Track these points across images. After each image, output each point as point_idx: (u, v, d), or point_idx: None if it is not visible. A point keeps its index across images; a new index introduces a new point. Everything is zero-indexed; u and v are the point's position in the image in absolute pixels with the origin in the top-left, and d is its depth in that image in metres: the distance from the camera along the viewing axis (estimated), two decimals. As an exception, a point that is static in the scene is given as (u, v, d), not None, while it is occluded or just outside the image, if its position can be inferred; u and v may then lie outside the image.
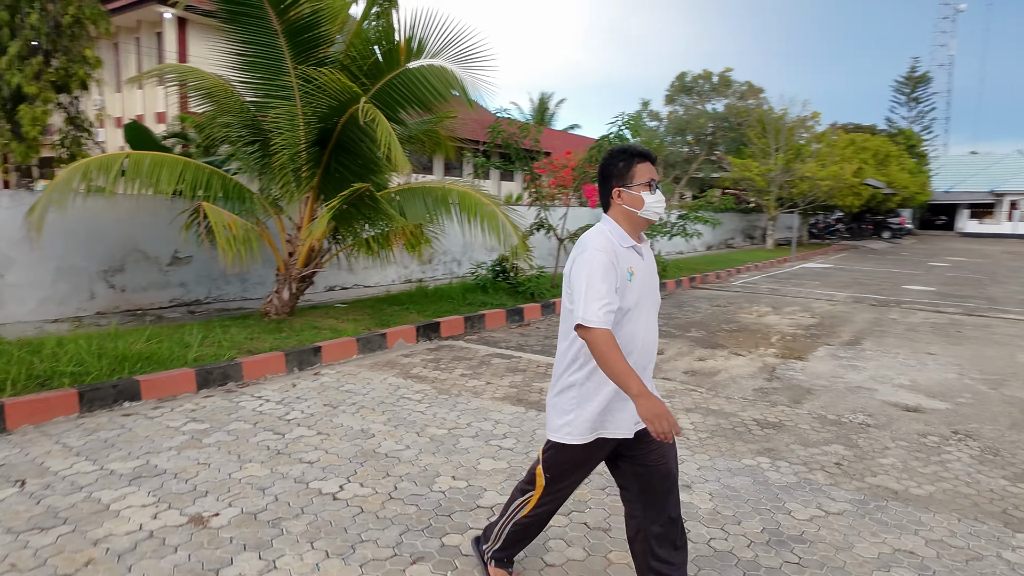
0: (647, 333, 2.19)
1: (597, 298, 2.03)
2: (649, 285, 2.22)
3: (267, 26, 6.32)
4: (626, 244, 2.16)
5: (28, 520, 2.94)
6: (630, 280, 2.12)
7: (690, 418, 4.65)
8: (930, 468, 3.87)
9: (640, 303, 2.16)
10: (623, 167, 2.20)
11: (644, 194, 2.17)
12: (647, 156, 2.22)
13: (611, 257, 2.08)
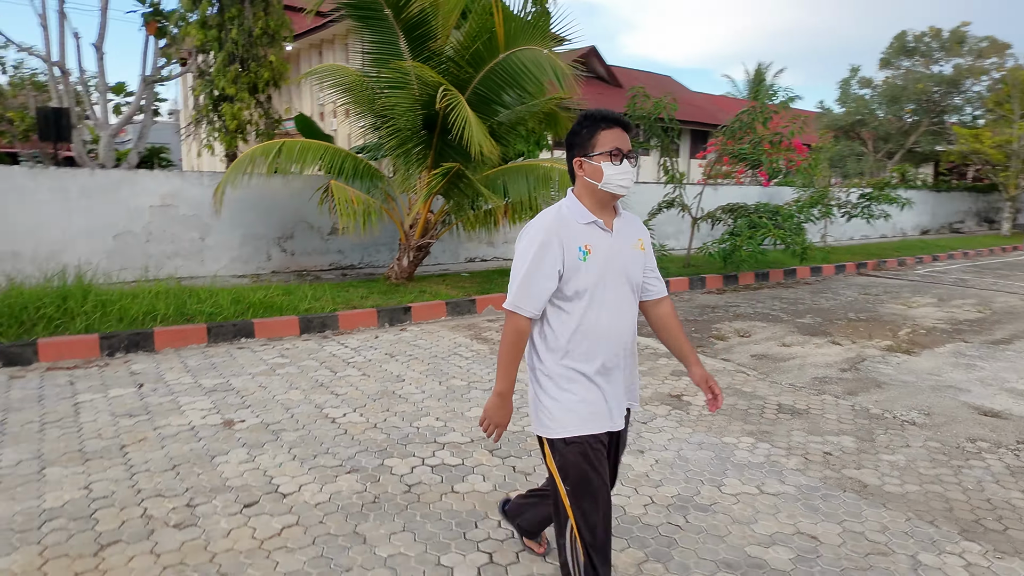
0: (615, 318, 1.99)
1: (528, 283, 1.92)
2: (619, 265, 1.99)
3: (388, 25, 7.23)
4: (584, 220, 1.95)
5: (127, 409, 4.10)
6: (583, 259, 1.92)
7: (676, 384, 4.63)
8: (936, 471, 3.52)
9: (602, 284, 1.95)
10: (585, 134, 1.96)
11: (604, 164, 1.92)
12: (616, 122, 1.96)
13: (553, 237, 1.91)
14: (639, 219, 2.16)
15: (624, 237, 2.03)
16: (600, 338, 1.98)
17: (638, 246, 2.07)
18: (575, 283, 1.93)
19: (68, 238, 7.67)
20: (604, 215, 2.00)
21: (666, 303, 2.23)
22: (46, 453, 3.44)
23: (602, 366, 1.99)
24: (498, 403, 2.00)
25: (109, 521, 2.80)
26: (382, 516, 2.91)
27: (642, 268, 2.09)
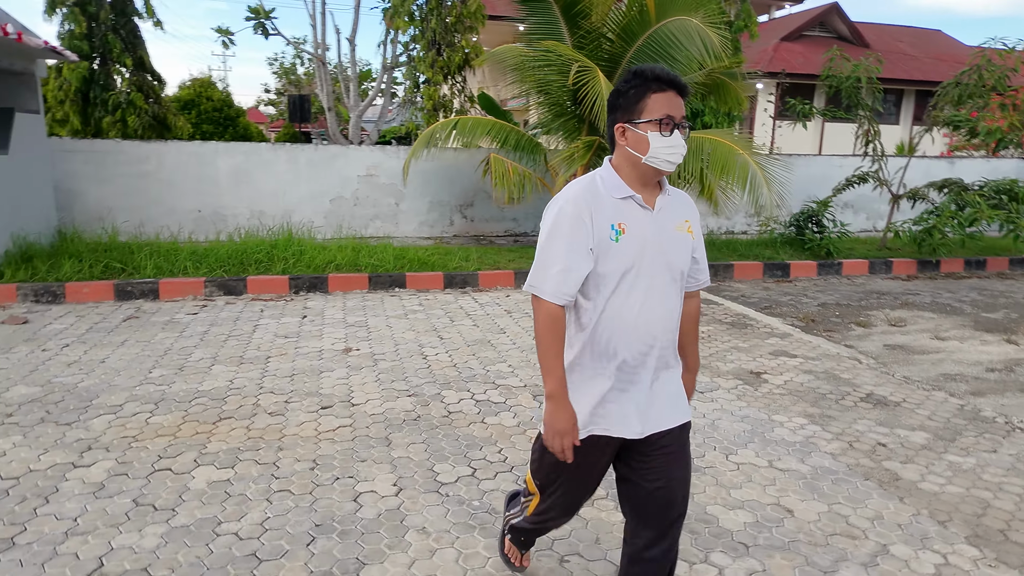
0: (647, 311, 1.72)
1: (550, 262, 1.68)
2: (658, 248, 1.72)
3: (547, 6, 7.68)
4: (620, 194, 1.71)
5: (286, 332, 5.27)
6: (615, 239, 1.68)
7: (798, 378, 4.47)
8: (1004, 479, 3.13)
9: (635, 270, 1.70)
10: (633, 96, 1.70)
11: (652, 134, 1.66)
12: (670, 83, 1.69)
13: (583, 209, 1.67)
14: (688, 197, 1.89)
15: (668, 217, 1.77)
16: (624, 331, 1.72)
17: (685, 228, 1.80)
18: (603, 265, 1.69)
19: (297, 201, 9.50)
20: (645, 190, 1.74)
21: (695, 301, 1.96)
22: (220, 355, 4.68)
23: (627, 362, 1.73)
24: (553, 408, 1.70)
25: (232, 404, 3.83)
26: (413, 430, 3.54)
27: (688, 254, 1.81)
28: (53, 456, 3.14)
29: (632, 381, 1.75)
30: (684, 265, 1.80)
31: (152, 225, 8.58)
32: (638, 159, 1.70)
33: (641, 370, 1.76)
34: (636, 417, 1.75)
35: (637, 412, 1.75)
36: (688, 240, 1.81)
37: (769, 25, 26.16)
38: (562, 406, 1.70)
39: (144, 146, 8.70)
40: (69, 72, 9.48)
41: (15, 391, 3.92)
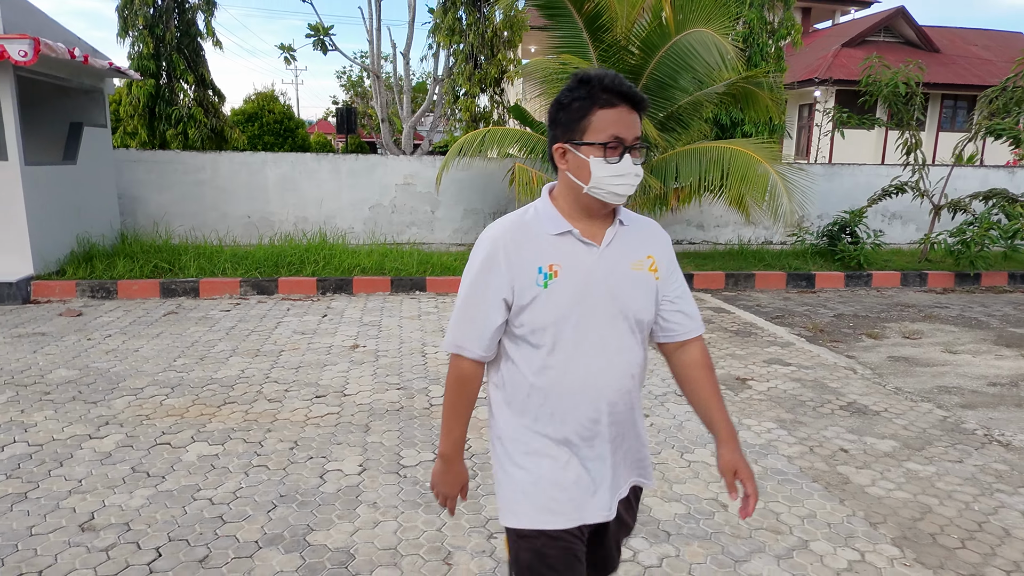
0: (598, 368, 1.44)
1: (461, 313, 1.47)
2: (605, 294, 1.43)
3: (572, 20, 7.90)
4: (556, 230, 1.43)
5: (304, 329, 5.67)
6: (543, 285, 1.40)
7: (784, 385, 4.52)
8: (958, 488, 3.14)
9: (573, 321, 1.42)
10: (576, 110, 1.39)
11: (594, 160, 1.37)
12: (622, 96, 1.37)
13: (500, 250, 1.42)
14: (655, 227, 1.58)
15: (620, 253, 1.46)
16: (570, 395, 1.44)
17: (645, 266, 1.49)
18: (530, 318, 1.41)
19: (339, 208, 10.03)
20: (591, 222, 1.46)
21: (695, 348, 1.59)
22: (239, 348, 5.11)
23: (575, 434, 1.46)
24: (441, 468, 1.55)
25: (238, 390, 4.22)
26: (393, 419, 3.82)
27: (652, 297, 1.50)
28: (74, 428, 3.58)
29: (590, 454, 1.47)
30: (644, 311, 1.48)
31: (206, 229, 9.25)
32: (579, 188, 1.41)
33: (595, 441, 1.47)
34: (605, 494, 1.49)
35: (604, 488, 1.49)
36: (649, 281, 1.48)
37: (833, 30, 25.47)
38: (451, 468, 1.56)
39: (200, 156, 9.41)
40: (138, 89, 10.34)
41: (56, 373, 4.44)
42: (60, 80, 7.28)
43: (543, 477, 1.46)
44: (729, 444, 1.55)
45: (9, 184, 6.38)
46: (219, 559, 2.49)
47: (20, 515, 2.74)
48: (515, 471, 1.48)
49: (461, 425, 1.53)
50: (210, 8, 10.57)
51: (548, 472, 1.46)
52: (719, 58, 7.02)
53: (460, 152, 8.79)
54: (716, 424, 1.58)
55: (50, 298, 6.50)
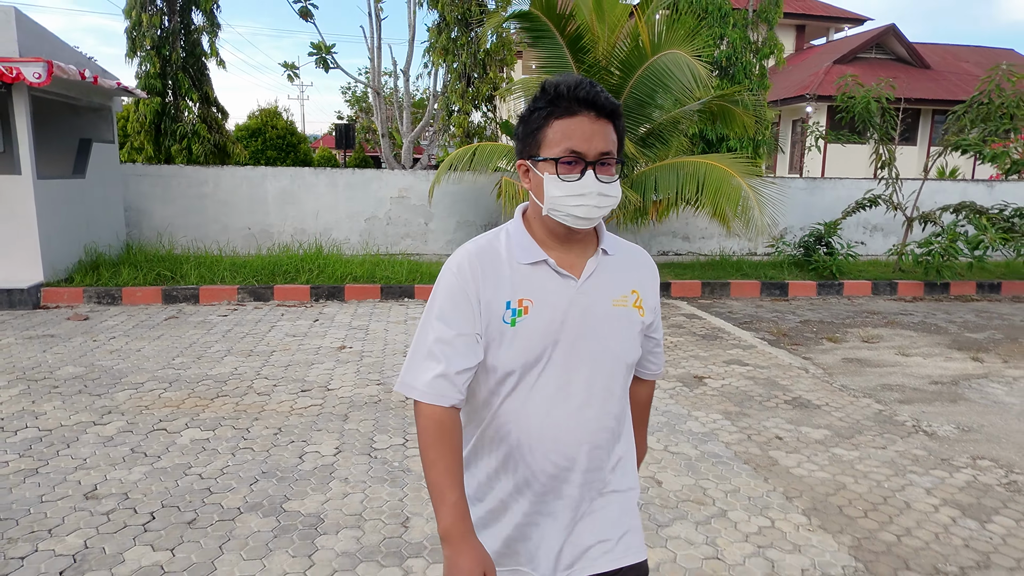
0: (564, 417, 1.27)
1: (424, 352, 1.25)
2: (582, 334, 1.27)
3: (555, 41, 8.33)
4: (528, 259, 1.27)
5: (295, 332, 6.04)
6: (511, 323, 1.24)
7: (737, 383, 4.86)
8: (876, 470, 3.47)
9: (543, 363, 1.26)
10: (535, 121, 1.24)
11: (547, 176, 1.22)
12: (581, 100, 1.20)
13: (469, 281, 1.25)
14: (643, 255, 1.42)
15: (603, 287, 1.30)
16: (529, 445, 1.27)
17: (630, 302, 1.33)
18: (493, 358, 1.25)
19: (336, 220, 10.44)
20: (568, 250, 1.30)
21: (646, 389, 1.54)
22: (233, 349, 5.48)
23: (534, 492, 1.30)
24: (449, 553, 1.18)
25: (231, 385, 4.59)
26: (371, 410, 4.18)
27: (634, 336, 1.34)
28: (80, 416, 3.95)
29: (543, 512, 1.30)
30: (629, 353, 1.32)
31: (208, 240, 9.67)
32: (540, 210, 1.26)
33: (556, 497, 1.30)
34: (548, 559, 1.31)
35: (550, 552, 1.31)
36: (633, 318, 1.32)
37: (826, 47, 25.93)
38: (464, 550, 1.17)
39: (203, 171, 9.85)
40: (145, 106, 10.82)
41: (65, 370, 4.81)
42: (71, 99, 7.73)
43: (496, 524, 1.32)
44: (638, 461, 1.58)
45: (22, 197, 6.80)
46: (204, 522, 2.84)
47: (32, 486, 3.10)
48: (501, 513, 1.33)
49: (456, 487, 1.20)
50: (214, 30, 11.08)
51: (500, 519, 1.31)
52: (692, 78, 7.41)
53: (451, 167, 9.20)
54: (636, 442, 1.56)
55: (59, 304, 6.89)
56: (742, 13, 12.74)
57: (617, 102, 1.24)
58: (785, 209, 10.88)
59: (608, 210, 1.25)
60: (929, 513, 3.03)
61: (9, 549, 2.60)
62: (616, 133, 1.24)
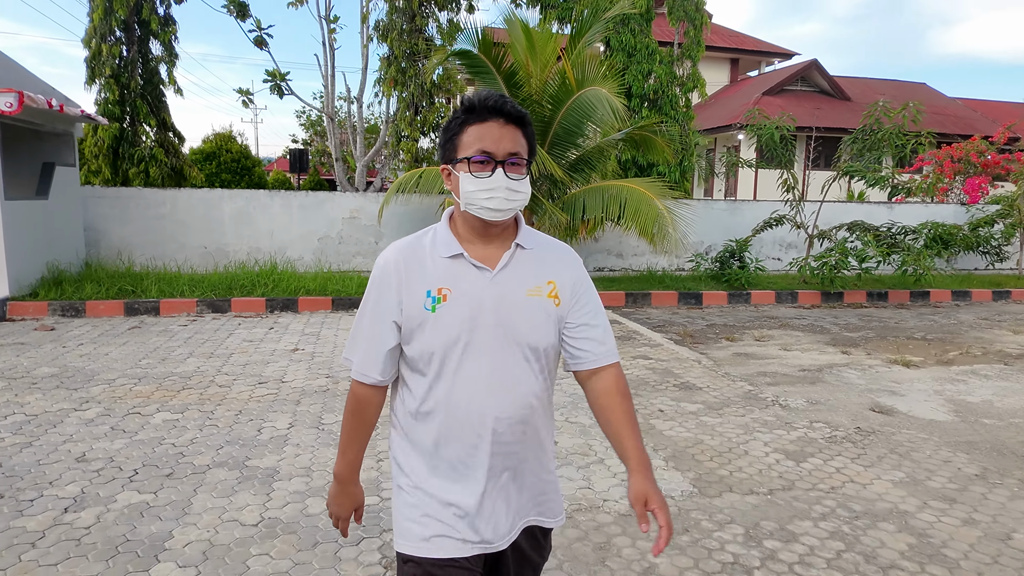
0: (485, 395, 1.43)
1: (356, 336, 1.50)
2: (497, 319, 1.43)
3: (492, 77, 9.22)
4: (448, 252, 1.44)
5: (252, 338, 6.65)
6: (431, 309, 1.41)
7: (638, 371, 5.69)
8: (730, 431, 4.32)
9: (462, 345, 1.41)
10: (452, 129, 1.43)
11: (463, 175, 1.40)
12: (490, 109, 1.39)
13: (392, 273, 1.44)
14: (565, 250, 1.58)
15: (516, 278, 1.46)
16: (457, 423, 1.44)
17: (544, 292, 1.48)
18: (419, 342, 1.43)
19: (290, 239, 11.03)
20: (486, 245, 1.47)
21: (609, 375, 1.55)
22: (195, 352, 6.07)
23: (464, 465, 1.46)
24: (335, 489, 1.58)
25: (195, 380, 5.19)
26: (320, 397, 4.85)
27: (550, 325, 1.49)
28: (61, 404, 4.52)
29: (475, 485, 1.45)
30: (541, 339, 1.46)
31: (166, 259, 10.14)
32: (459, 206, 1.45)
33: (479, 471, 1.45)
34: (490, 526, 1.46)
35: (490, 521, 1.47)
36: (547, 307, 1.47)
37: (756, 80, 27.75)
38: (345, 490, 1.57)
39: (160, 193, 10.36)
40: (103, 131, 11.27)
41: (40, 370, 5.34)
42: (35, 125, 8.23)
43: (428, 504, 1.45)
44: (640, 473, 1.45)
45: (-10, 216, 7.25)
46: (180, 474, 3.49)
47: (28, 455, 3.69)
48: (404, 495, 1.49)
49: (356, 448, 1.54)
50: (172, 60, 11.65)
51: (427, 501, 1.45)
52: (610, 111, 8.37)
53: (399, 189, 9.94)
54: (628, 452, 1.48)
55: (24, 316, 7.34)
56: (668, 51, 13.97)
57: (524, 111, 1.42)
58: (709, 228, 12.01)
59: (519, 204, 1.41)
60: (760, 457, 3.89)
61: (20, 495, 3.21)
62: (526, 139, 1.42)
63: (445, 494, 1.46)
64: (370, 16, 12.70)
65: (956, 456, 3.97)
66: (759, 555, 2.84)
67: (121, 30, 11.11)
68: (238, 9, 12.40)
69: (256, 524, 3.00)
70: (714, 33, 29.11)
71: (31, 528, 2.91)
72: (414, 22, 11.81)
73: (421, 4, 11.81)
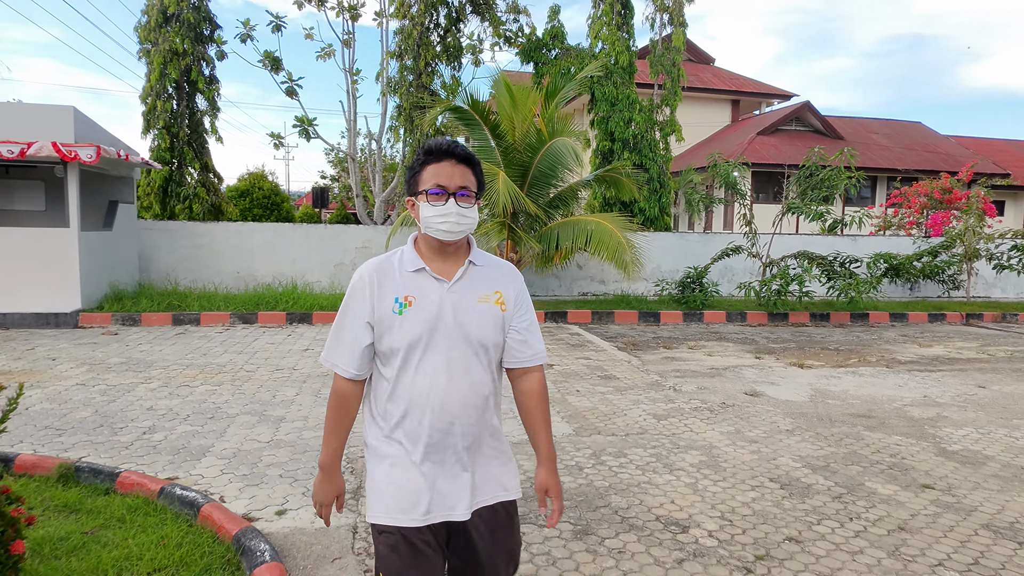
0: (442, 387, 1.69)
1: (335, 336, 1.77)
2: (452, 322, 1.71)
3: (481, 129, 10.91)
4: (412, 267, 1.73)
5: (270, 342, 8.25)
6: (398, 312, 1.69)
7: (574, 367, 7.13)
8: (619, 400, 5.75)
9: (423, 344, 1.69)
10: (415, 169, 1.76)
11: (422, 204, 1.71)
12: (443, 153, 1.72)
13: (367, 283, 1.73)
14: (510, 269, 1.87)
15: (469, 288, 1.75)
16: (420, 408, 1.70)
17: (492, 300, 1.77)
18: (388, 340, 1.70)
19: (309, 266, 12.74)
20: (444, 261, 1.76)
21: (534, 377, 1.85)
22: (228, 349, 7.67)
23: (426, 445, 1.71)
24: (319, 478, 1.81)
25: (228, 368, 6.78)
26: (321, 379, 6.39)
27: (497, 327, 1.77)
28: (131, 380, 6.14)
29: (439, 462, 1.72)
30: (489, 338, 1.75)
31: (205, 281, 11.90)
32: (420, 229, 1.76)
33: (446, 451, 1.72)
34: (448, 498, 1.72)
35: (449, 493, 1.72)
36: (495, 312, 1.77)
37: (753, 120, 29.27)
38: (327, 478, 1.79)
39: (201, 226, 12.18)
40: (155, 174, 13.21)
41: (111, 360, 6.99)
42: (104, 170, 10.10)
43: (395, 480, 1.70)
44: (545, 465, 1.81)
45: (69, 244, 9.06)
46: (218, 417, 5.05)
47: (114, 407, 5.29)
48: (374, 472, 1.74)
49: (338, 439, 1.76)
50: (215, 112, 13.62)
51: (399, 475, 1.70)
52: (574, 156, 9.97)
53: (402, 223, 11.61)
54: (539, 446, 1.82)
55: (92, 325, 9.07)
56: (649, 100, 15.60)
57: (471, 153, 1.76)
58: (683, 256, 13.44)
59: (468, 227, 1.72)
60: (633, 418, 5.31)
61: (114, 426, 4.79)
62: (475, 176, 1.75)
63: (410, 470, 1.70)
64: (384, 73, 14.62)
65: (783, 420, 5.35)
66: (594, 463, 4.28)
67: (173, 88, 13.13)
68: (272, 64, 14.41)
69: (267, 442, 4.54)
70: (715, 76, 30.90)
71: (123, 441, 4.49)
72: (420, 79, 13.67)
73: (427, 64, 13.67)
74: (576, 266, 13.11)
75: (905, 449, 4.68)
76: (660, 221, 14.99)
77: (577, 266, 13.15)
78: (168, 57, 12.76)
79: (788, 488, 3.92)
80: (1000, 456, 4.57)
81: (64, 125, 8.89)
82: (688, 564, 3.02)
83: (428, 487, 1.71)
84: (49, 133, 8.73)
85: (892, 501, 3.76)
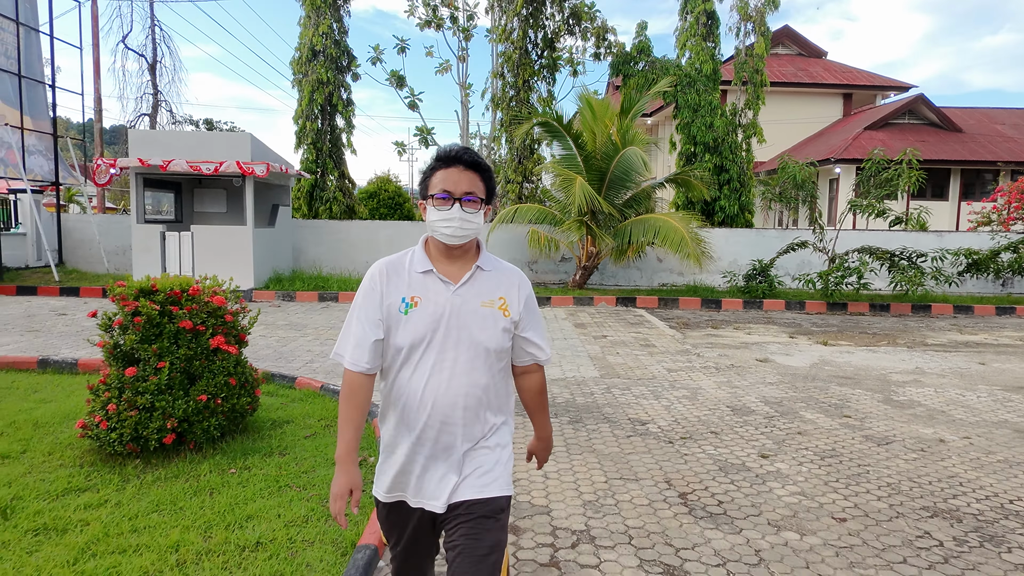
0: (439, 386, 1.79)
1: (347, 331, 1.85)
2: (456, 324, 1.79)
3: (564, 138, 12.71)
4: (420, 269, 1.83)
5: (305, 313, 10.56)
6: (404, 312, 1.79)
7: (623, 337, 8.79)
8: (648, 359, 7.38)
9: (425, 344, 1.79)
10: (427, 175, 1.85)
11: (430, 208, 1.80)
12: (451, 159, 1.80)
13: (378, 281, 1.83)
14: (518, 275, 1.93)
15: (473, 292, 1.83)
16: (417, 403, 1.80)
17: (496, 305, 1.84)
18: (394, 338, 1.80)
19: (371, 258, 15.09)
20: (452, 264, 1.85)
21: (535, 375, 2.00)
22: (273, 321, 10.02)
23: (418, 438, 1.82)
24: (336, 472, 1.85)
25: (359, 330, 9.09)
26: (425, 339, 8.52)
27: (499, 331, 1.83)
28: (293, 335, 8.58)
29: (429, 456, 1.83)
30: (493, 341, 1.82)
31: (342, 269, 14.60)
32: (429, 232, 1.85)
33: (436, 444, 1.82)
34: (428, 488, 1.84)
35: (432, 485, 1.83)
36: (498, 317, 1.83)
37: (863, 114, 28.71)
38: (343, 471, 1.83)
39: (338, 223, 14.90)
40: (304, 182, 16.18)
41: (278, 322, 9.54)
42: (269, 180, 12.94)
43: (392, 463, 1.88)
44: (539, 438, 2.12)
45: (246, 239, 11.90)
46: (353, 358, 7.27)
47: (285, 350, 7.66)
48: (380, 454, 1.95)
49: (351, 431, 1.83)
50: (351, 129, 16.39)
51: (395, 460, 1.87)
52: (642, 164, 11.52)
53: (501, 220, 13.68)
54: (535, 426, 2.11)
55: (261, 300, 11.86)
56: (732, 104, 16.64)
57: (480, 159, 1.85)
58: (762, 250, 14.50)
59: (472, 232, 1.81)
60: (651, 370, 6.94)
61: (287, 358, 7.13)
62: (483, 182, 1.84)
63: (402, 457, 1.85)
64: (490, 90, 16.80)
65: (771, 376, 6.76)
66: (603, 391, 6.02)
67: (318, 111, 16.00)
68: (397, 81, 17.06)
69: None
70: (825, 70, 30.57)
71: (294, 366, 6.78)
72: (519, 95, 15.68)
73: (524, 81, 15.66)
74: (656, 259, 14.56)
75: (856, 397, 6.00)
76: (740, 218, 16.03)
77: (657, 259, 14.59)
78: (315, 86, 15.62)
79: (736, 411, 5.47)
80: (930, 403, 5.79)
81: (243, 148, 11.72)
82: (634, 439, 4.74)
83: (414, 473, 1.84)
84: (233, 154, 11.58)
85: (808, 421, 5.22)
